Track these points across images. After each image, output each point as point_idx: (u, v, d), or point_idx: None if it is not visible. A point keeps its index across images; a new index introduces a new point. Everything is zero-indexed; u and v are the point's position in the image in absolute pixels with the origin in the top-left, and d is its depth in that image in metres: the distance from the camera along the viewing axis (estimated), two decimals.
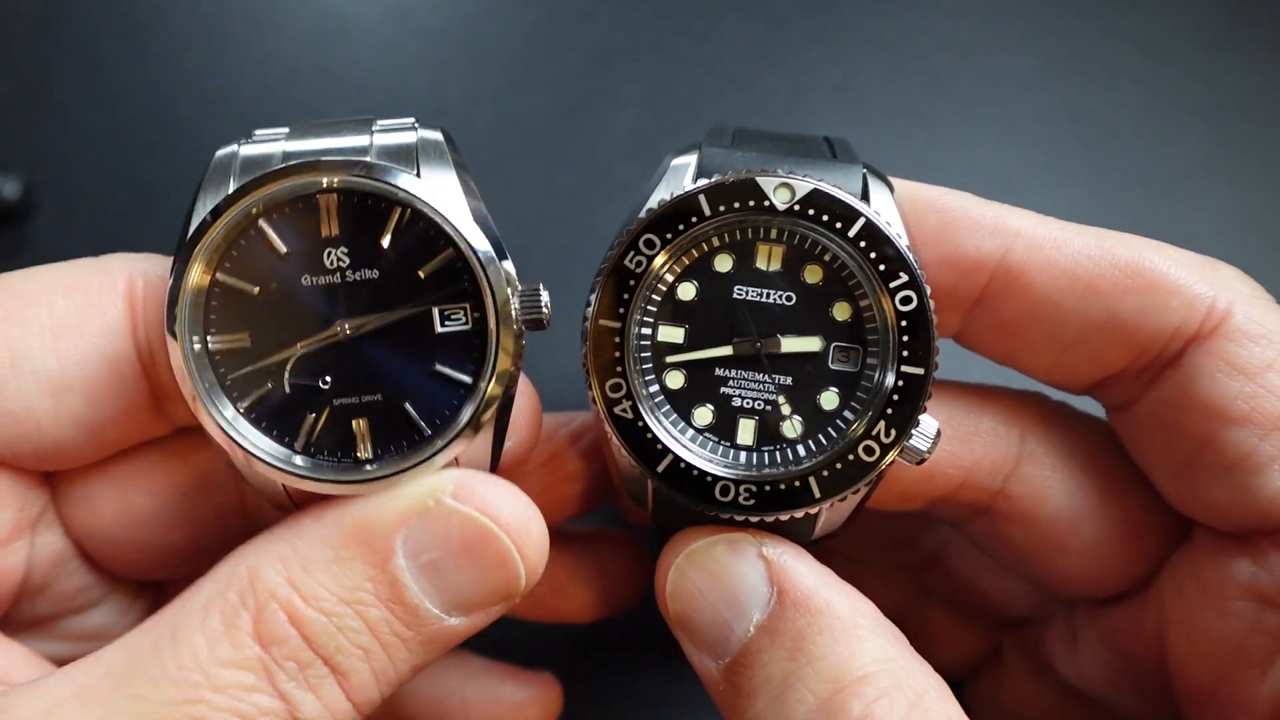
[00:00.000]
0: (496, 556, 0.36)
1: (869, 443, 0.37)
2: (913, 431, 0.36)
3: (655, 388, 0.38)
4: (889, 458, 0.37)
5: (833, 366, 0.38)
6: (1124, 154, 0.68)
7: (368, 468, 0.37)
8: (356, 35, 0.72)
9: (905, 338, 0.36)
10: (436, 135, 0.38)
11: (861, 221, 0.36)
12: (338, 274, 0.37)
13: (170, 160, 0.66)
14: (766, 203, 0.36)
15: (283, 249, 0.36)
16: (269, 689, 0.33)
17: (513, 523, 0.36)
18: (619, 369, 0.37)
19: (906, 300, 0.36)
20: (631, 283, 0.37)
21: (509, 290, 0.37)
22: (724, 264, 0.38)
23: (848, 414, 0.38)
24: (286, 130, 0.38)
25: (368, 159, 0.37)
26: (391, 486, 0.36)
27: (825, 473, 0.37)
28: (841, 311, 0.38)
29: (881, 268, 0.36)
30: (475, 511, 0.36)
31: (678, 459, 0.37)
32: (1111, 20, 0.73)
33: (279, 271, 0.37)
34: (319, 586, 0.35)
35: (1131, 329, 0.39)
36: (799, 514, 0.37)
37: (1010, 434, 0.43)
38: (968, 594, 0.50)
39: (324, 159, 0.36)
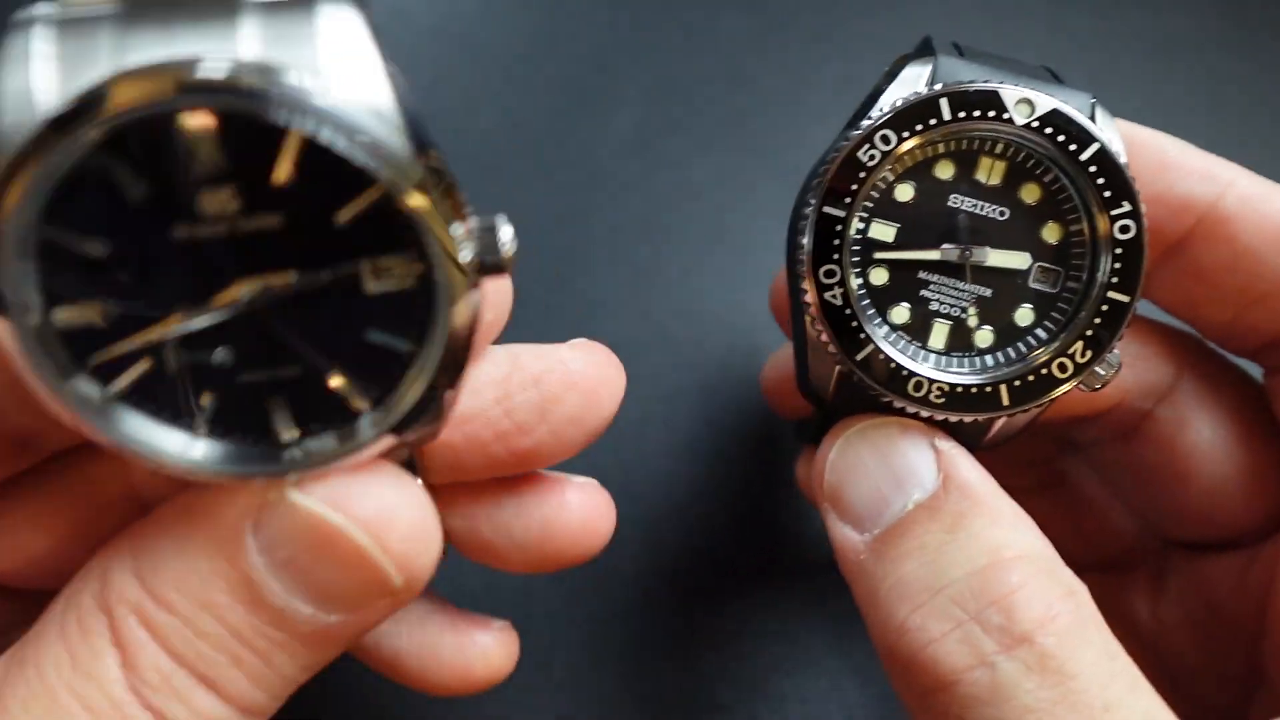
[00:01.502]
0: (352, 555, 0.31)
1: (1063, 360, 0.38)
2: (1105, 356, 0.38)
3: (860, 281, 0.39)
4: (1080, 377, 0.38)
5: (1032, 285, 0.39)
6: None
7: (289, 453, 0.30)
8: None
9: (1117, 265, 0.38)
10: (348, 11, 0.27)
11: (1096, 146, 0.37)
12: (223, 222, 0.27)
13: None
14: (1006, 115, 0.37)
15: (137, 194, 0.26)
16: (137, 702, 0.30)
17: (370, 516, 0.31)
18: (835, 257, 0.38)
19: (1125, 229, 0.38)
20: (861, 175, 0.38)
21: (459, 227, 0.28)
22: (945, 171, 0.39)
23: (1040, 332, 0.39)
24: (111, 9, 0.27)
25: (243, 60, 0.26)
26: (323, 476, 0.30)
27: (1017, 383, 0.38)
28: (1051, 233, 0.39)
29: (1107, 194, 0.38)
30: (319, 506, 0.30)
31: (878, 349, 0.38)
32: (1111, 20, 0.73)
33: (137, 223, 0.27)
34: (168, 588, 0.30)
35: None
36: (984, 418, 0.39)
37: (1169, 364, 0.45)
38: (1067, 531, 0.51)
39: (174, 62, 0.25)
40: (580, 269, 0.65)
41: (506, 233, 0.29)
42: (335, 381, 0.30)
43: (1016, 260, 0.39)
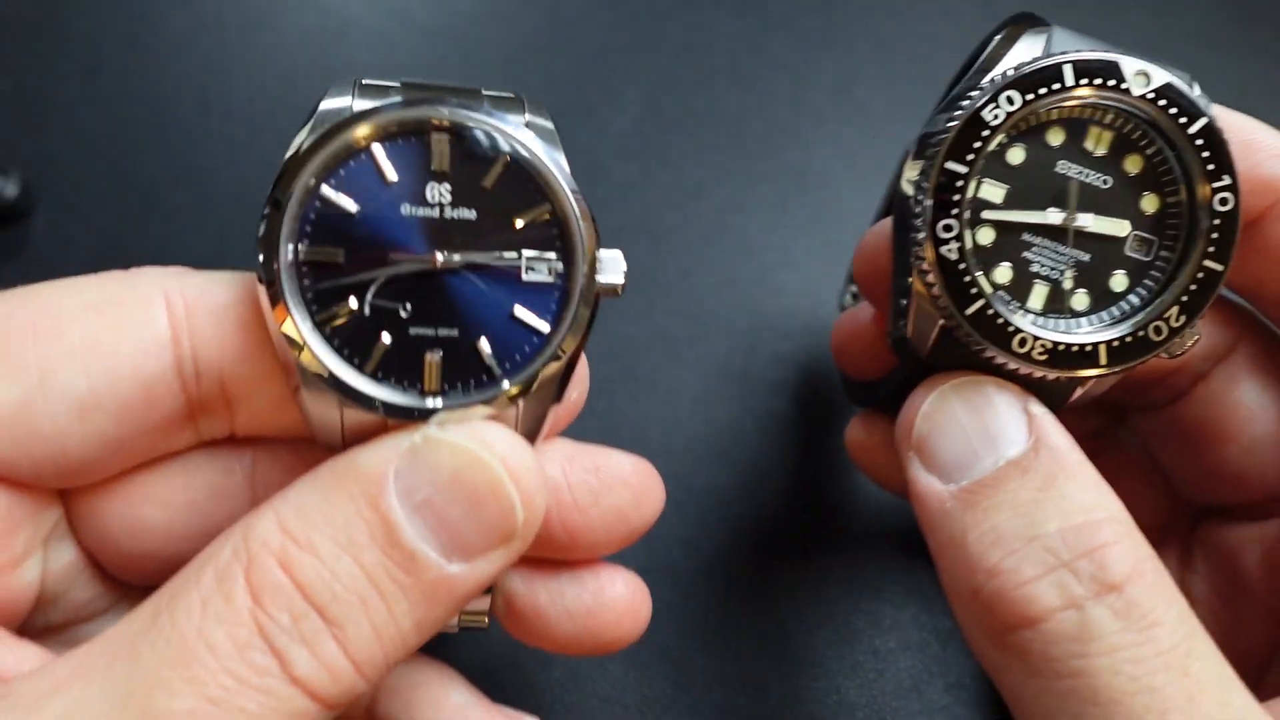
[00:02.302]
0: (489, 484, 0.35)
1: (1159, 323, 0.40)
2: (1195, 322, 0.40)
3: (969, 239, 0.40)
4: (1174, 341, 0.40)
5: (1128, 252, 0.41)
6: None
7: (429, 401, 0.37)
8: (356, 35, 0.72)
9: (1214, 235, 0.39)
10: (548, 124, 0.40)
11: (1204, 121, 0.39)
12: (437, 208, 0.37)
13: (170, 160, 0.66)
14: (1124, 85, 0.39)
15: (390, 176, 0.37)
16: (262, 645, 0.32)
17: (504, 450, 0.35)
18: (955, 213, 0.39)
19: (1224, 201, 0.39)
20: (985, 133, 0.39)
21: (595, 254, 0.38)
22: (1056, 138, 0.40)
23: (1133, 298, 0.41)
24: (397, 85, 0.39)
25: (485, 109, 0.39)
26: (449, 418, 0.36)
27: (1115, 344, 0.40)
28: (1150, 204, 0.41)
29: (1210, 167, 0.39)
30: (463, 439, 0.35)
31: (988, 304, 0.39)
32: (1111, 20, 0.73)
33: (382, 196, 0.37)
34: (311, 530, 0.34)
35: None
36: (1078, 376, 0.40)
37: (1230, 330, 0.47)
38: None
39: (444, 99, 0.38)
40: None
41: (622, 264, 0.38)
42: (483, 345, 0.37)
43: (1116, 228, 0.40)
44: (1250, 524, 0.48)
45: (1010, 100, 0.39)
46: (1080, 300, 0.41)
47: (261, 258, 0.36)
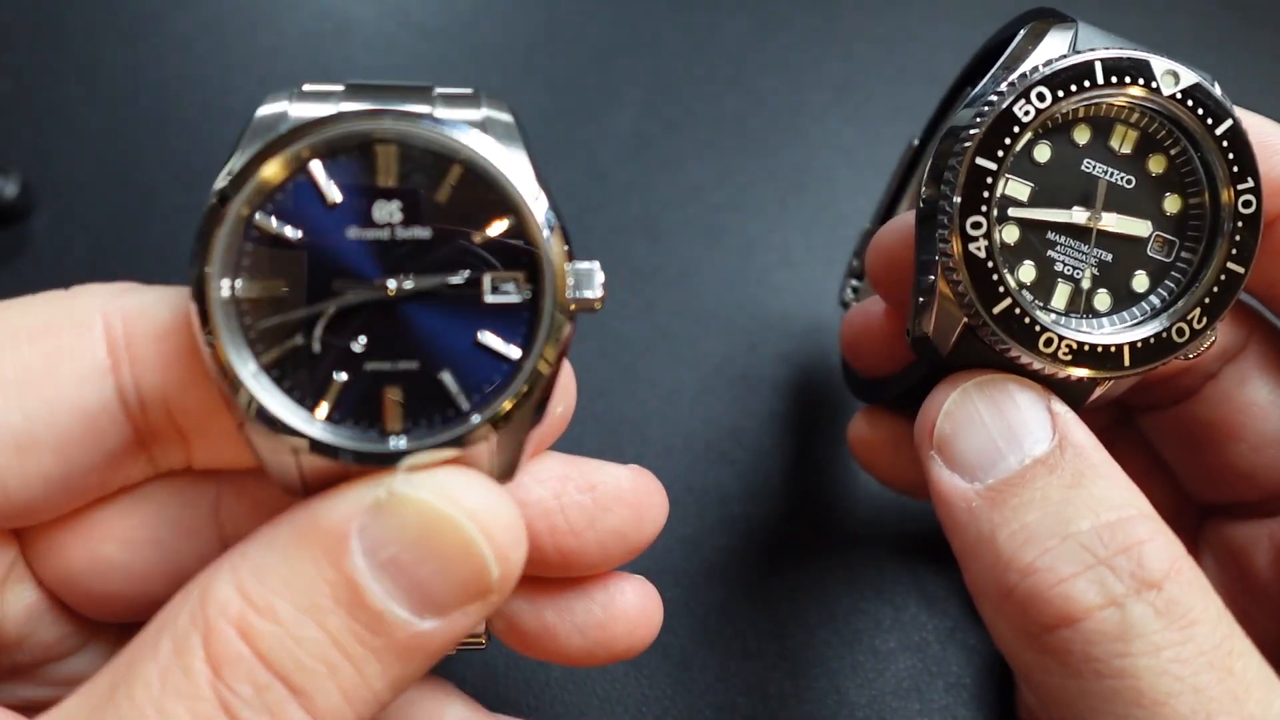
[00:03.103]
0: (459, 544, 0.33)
1: (1181, 325, 0.40)
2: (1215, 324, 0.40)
3: (996, 236, 0.40)
4: (1194, 342, 0.40)
5: (1149, 253, 0.41)
6: None
7: (392, 441, 0.34)
8: (356, 35, 0.72)
9: (1237, 237, 0.39)
10: (506, 117, 0.36)
11: (1230, 122, 0.39)
12: (387, 229, 0.34)
13: (170, 160, 0.66)
14: (1154, 84, 0.39)
15: (332, 197, 0.34)
16: (223, 718, 0.30)
17: (474, 505, 0.33)
18: (983, 209, 0.38)
19: (1247, 204, 0.39)
20: (1016, 129, 0.38)
21: (566, 266, 0.35)
22: (1082, 136, 0.40)
23: (1154, 298, 0.41)
24: (341, 88, 0.36)
25: (434, 114, 0.35)
26: (416, 463, 0.34)
27: (1139, 344, 0.39)
28: (1172, 204, 0.41)
29: (1235, 169, 0.39)
30: (429, 496, 0.33)
31: (1015, 303, 0.39)
32: (1112, 20, 0.73)
33: (325, 220, 0.34)
34: (270, 595, 0.31)
35: None
36: (1100, 377, 0.40)
37: (1241, 329, 0.47)
38: None
39: (386, 108, 0.34)
40: None
41: (599, 277, 0.35)
42: (446, 378, 0.34)
43: (1139, 228, 0.40)
44: (1259, 521, 0.48)
45: (1041, 97, 0.38)
46: (1102, 300, 0.40)
47: (194, 299, 0.33)
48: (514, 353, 0.35)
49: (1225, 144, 0.39)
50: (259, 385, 0.33)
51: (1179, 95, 0.39)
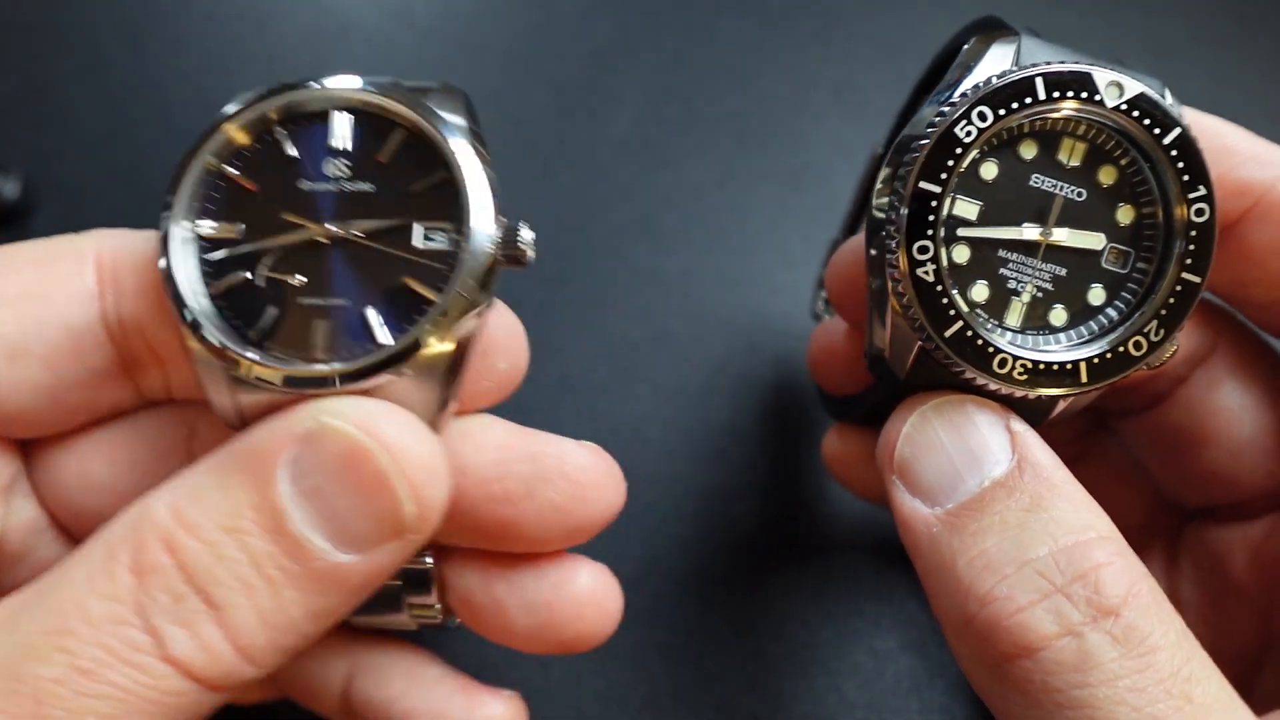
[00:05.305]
0: (373, 476, 0.34)
1: (1138, 338, 0.39)
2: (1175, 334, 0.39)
3: (944, 258, 0.39)
4: (1154, 354, 0.39)
5: (1104, 265, 0.40)
6: None
7: (317, 366, 0.36)
8: (356, 35, 0.72)
9: (1191, 246, 0.39)
10: (455, 96, 0.39)
11: (1178, 131, 0.38)
12: (334, 182, 0.39)
13: (170, 160, 0.66)
14: (1097, 97, 0.38)
15: (291, 154, 0.39)
16: (139, 623, 0.32)
17: (393, 439, 0.34)
18: (929, 233, 0.38)
19: (1200, 212, 0.38)
20: (958, 151, 0.38)
21: (490, 221, 0.38)
22: (1029, 151, 0.39)
23: (1111, 311, 0.40)
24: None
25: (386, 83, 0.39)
26: (340, 393, 0.36)
27: (1095, 360, 0.39)
28: (1125, 215, 0.40)
29: (1185, 178, 0.38)
30: (350, 427, 0.34)
31: (966, 326, 0.38)
32: (1111, 20, 0.73)
33: (282, 174, 0.39)
34: (200, 515, 0.33)
35: None
36: (1056, 395, 0.39)
37: (1208, 332, 0.46)
38: None
39: (344, 83, 0.39)
40: (580, 269, 0.65)
41: (528, 234, 0.38)
42: (369, 314, 0.37)
43: (1092, 241, 0.40)
44: (1236, 525, 0.47)
45: (982, 116, 0.38)
46: (1058, 315, 0.40)
47: (160, 235, 0.38)
48: (433, 295, 0.37)
49: (1174, 153, 0.38)
50: (202, 311, 0.37)
51: (1123, 106, 0.38)
